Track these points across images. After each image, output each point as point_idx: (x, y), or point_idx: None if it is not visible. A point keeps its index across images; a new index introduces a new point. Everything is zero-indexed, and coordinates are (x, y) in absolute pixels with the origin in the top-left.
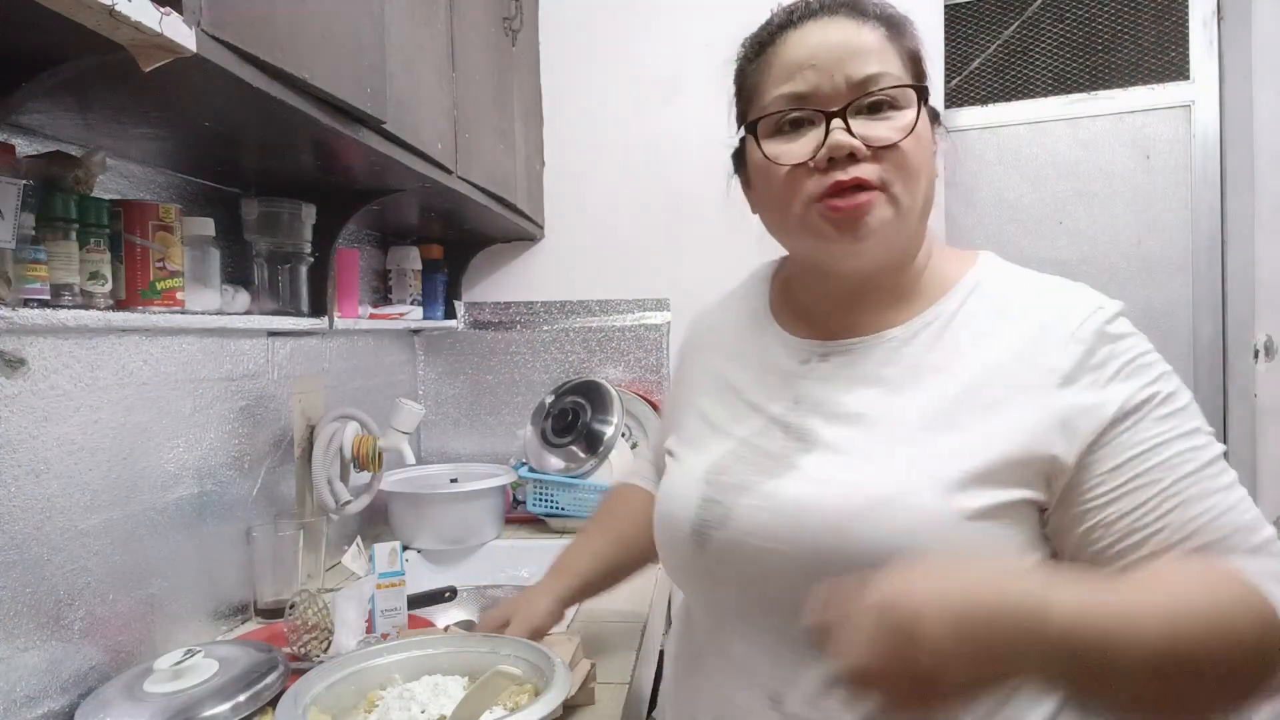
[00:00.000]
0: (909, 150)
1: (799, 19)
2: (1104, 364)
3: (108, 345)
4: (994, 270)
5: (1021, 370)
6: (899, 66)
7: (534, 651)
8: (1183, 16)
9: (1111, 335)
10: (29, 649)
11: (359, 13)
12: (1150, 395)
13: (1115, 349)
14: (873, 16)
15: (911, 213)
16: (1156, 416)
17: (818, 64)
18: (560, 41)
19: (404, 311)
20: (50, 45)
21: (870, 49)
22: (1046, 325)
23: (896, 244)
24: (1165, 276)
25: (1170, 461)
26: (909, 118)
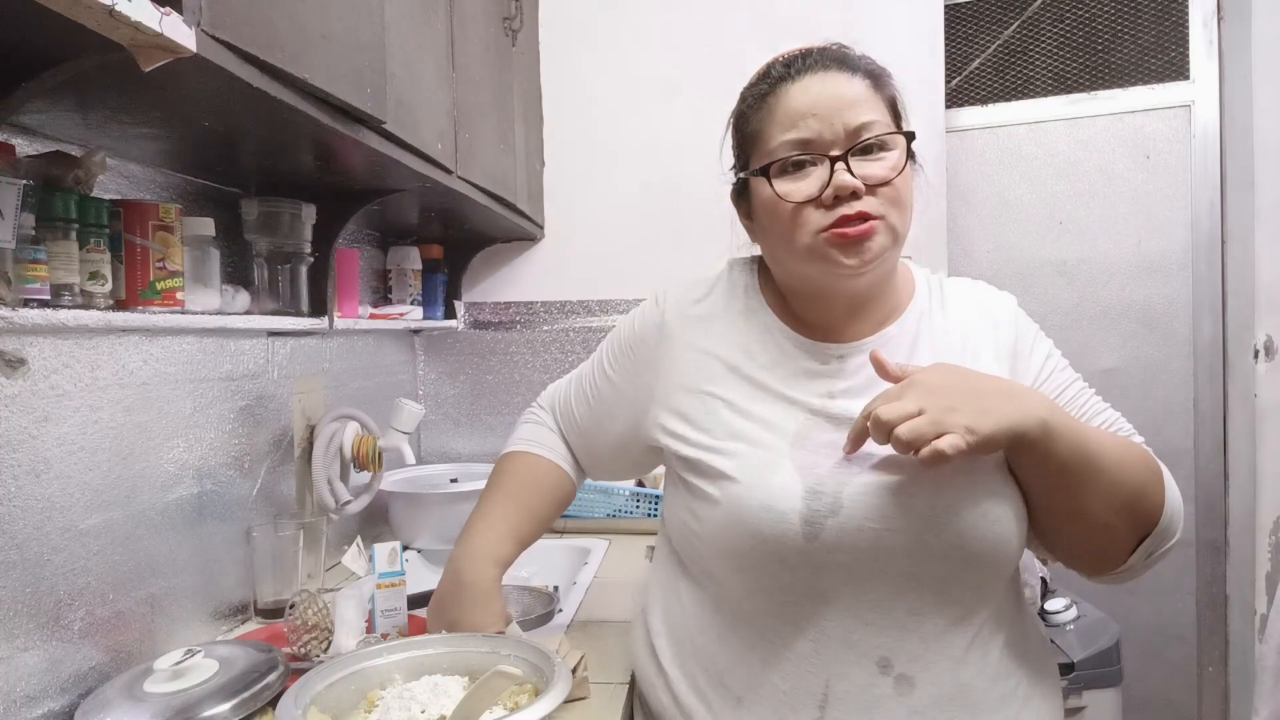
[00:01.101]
0: (899, 186)
1: (797, 72)
2: (1024, 337)
3: (108, 345)
4: (923, 274)
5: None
6: (884, 113)
7: (534, 651)
8: (1183, 16)
9: (1023, 316)
10: (29, 649)
11: (359, 13)
12: (1051, 354)
13: (1026, 326)
14: (860, 70)
15: (902, 238)
16: (1059, 368)
17: (818, 113)
18: (560, 41)
19: (404, 311)
20: (50, 45)
21: (861, 99)
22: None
23: (889, 265)
24: (1165, 276)
25: (1077, 399)
26: (897, 158)
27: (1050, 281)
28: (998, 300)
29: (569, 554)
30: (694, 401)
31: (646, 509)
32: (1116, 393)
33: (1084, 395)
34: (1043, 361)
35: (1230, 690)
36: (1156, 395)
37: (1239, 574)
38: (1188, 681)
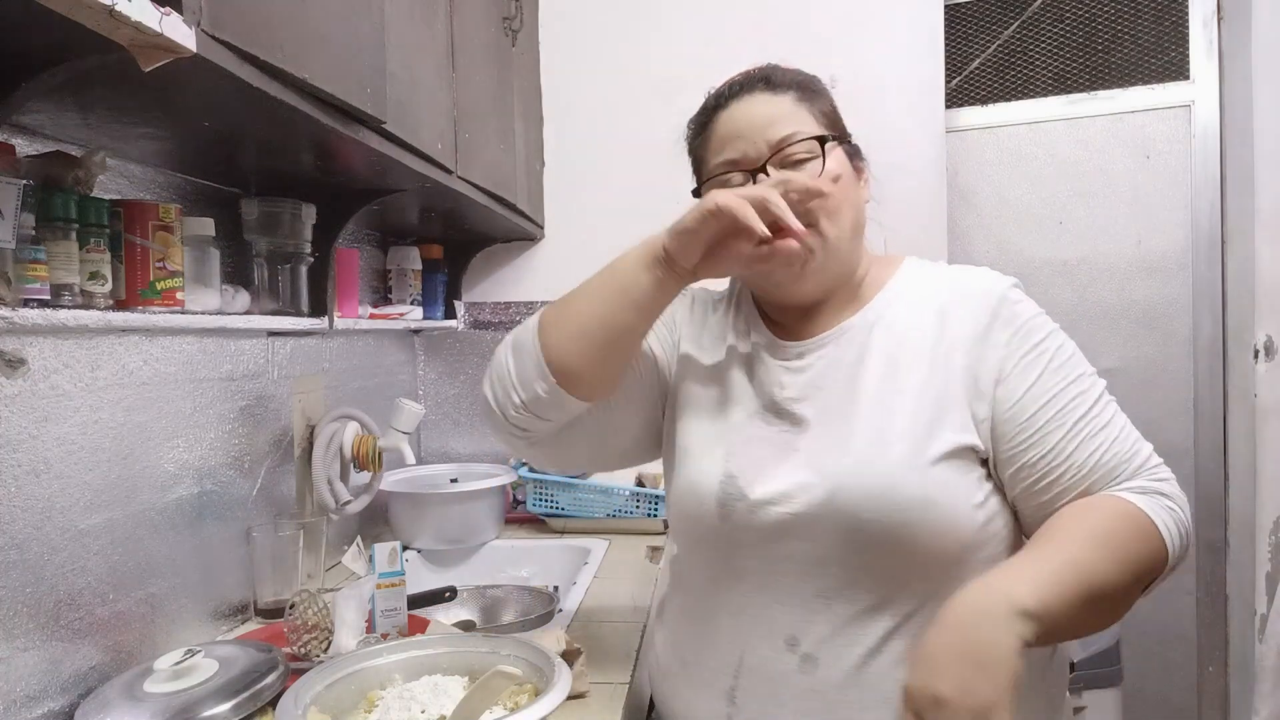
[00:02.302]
0: (829, 191)
1: (725, 100)
2: (1004, 325)
3: (108, 345)
4: (916, 267)
5: (943, 337)
6: (812, 123)
7: (534, 651)
8: (1183, 16)
9: (1009, 301)
10: (29, 649)
11: (359, 13)
12: (1043, 350)
13: (1012, 312)
14: (786, 87)
15: (839, 238)
16: (1052, 368)
17: (742, 134)
18: (560, 41)
19: (404, 311)
20: (50, 45)
21: (783, 114)
22: (956, 300)
23: (833, 266)
24: (1165, 276)
25: (1067, 408)
26: (819, 164)
27: (1050, 281)
28: (980, 282)
29: (569, 554)
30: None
31: (646, 509)
32: (1116, 393)
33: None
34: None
35: (1230, 690)
36: (1156, 395)
37: (1239, 574)
38: (1188, 681)
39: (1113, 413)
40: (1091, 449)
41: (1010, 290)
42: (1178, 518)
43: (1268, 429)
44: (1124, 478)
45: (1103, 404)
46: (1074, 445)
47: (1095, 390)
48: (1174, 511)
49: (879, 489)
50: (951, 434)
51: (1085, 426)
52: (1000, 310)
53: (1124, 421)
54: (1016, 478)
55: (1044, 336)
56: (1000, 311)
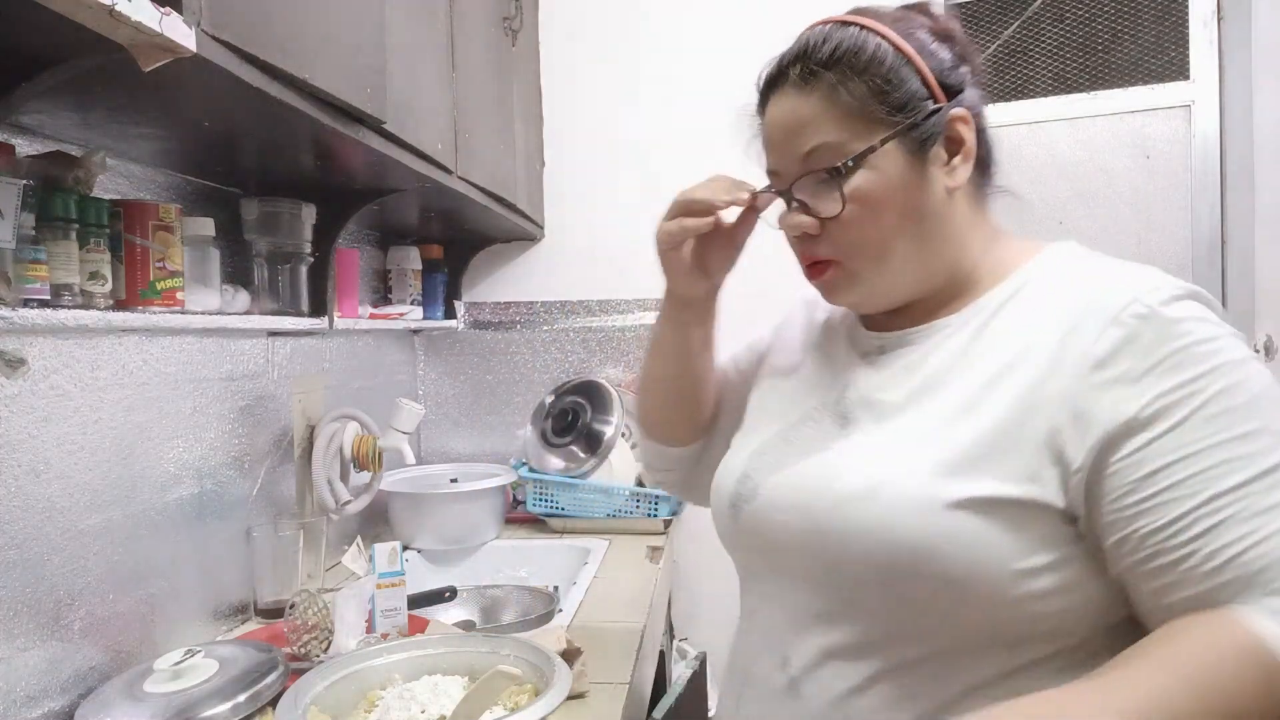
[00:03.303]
0: (852, 219)
1: (764, 98)
2: (1146, 352)
3: (108, 345)
4: (1058, 256)
5: (1053, 357)
6: (846, 122)
7: (534, 651)
8: (1183, 16)
9: (1163, 319)
10: (29, 649)
11: (359, 13)
12: (1197, 390)
13: (1162, 333)
14: (819, 68)
15: (881, 272)
16: (1205, 416)
17: (774, 144)
18: (560, 41)
19: (404, 311)
20: (50, 45)
21: (810, 120)
22: (1089, 308)
23: (889, 291)
24: None
25: (1210, 472)
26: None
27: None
28: (1122, 290)
29: (569, 554)
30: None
31: (646, 509)
32: None
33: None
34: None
35: None
36: None
37: None
38: None
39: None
40: (1233, 536)
41: (1167, 305)
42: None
43: None
44: (1274, 588)
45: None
46: (1206, 525)
47: (1273, 456)
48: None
49: (872, 524)
50: (993, 481)
51: (1234, 503)
52: (1141, 331)
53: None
54: (1118, 552)
55: (1204, 371)
56: (1140, 333)
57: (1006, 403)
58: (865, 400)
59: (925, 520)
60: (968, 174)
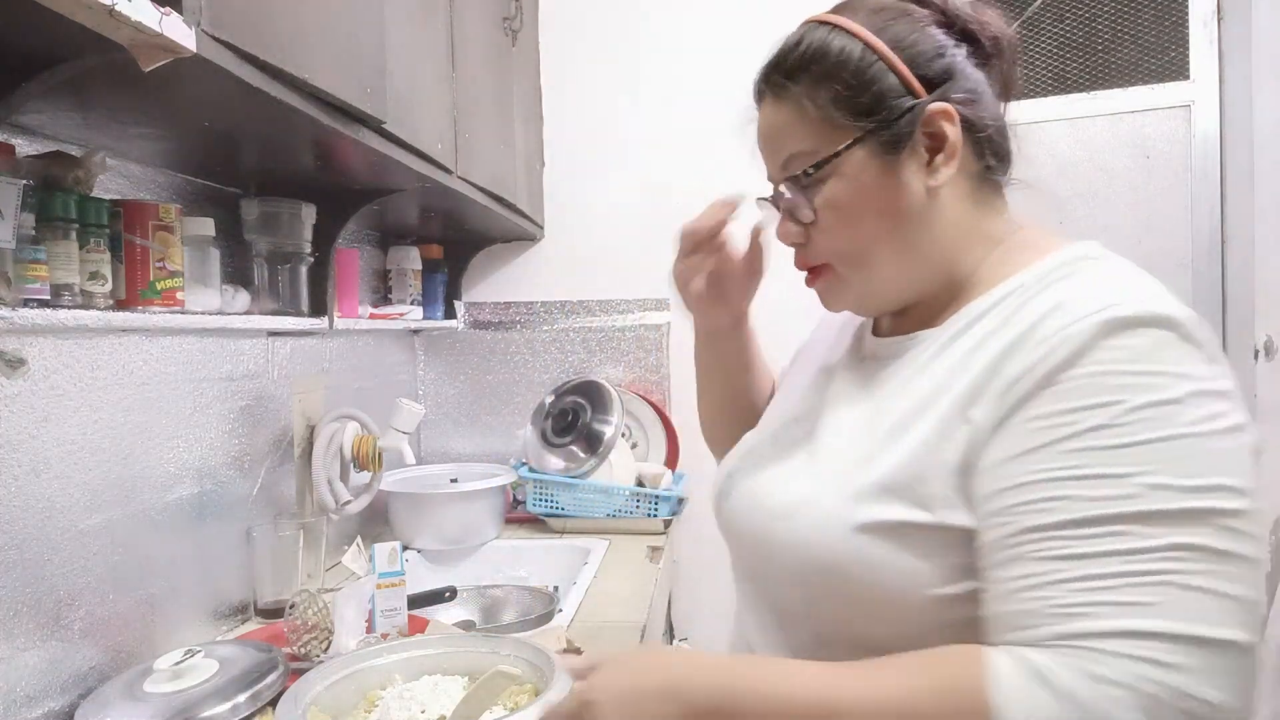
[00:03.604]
0: (827, 224)
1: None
2: (1049, 374)
3: (108, 345)
4: (1061, 261)
5: (981, 380)
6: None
7: (534, 652)
8: (1183, 16)
9: (1088, 344)
10: (29, 649)
11: (359, 12)
12: (1070, 421)
13: (1075, 357)
14: (792, 74)
15: (871, 274)
16: (1062, 450)
17: (762, 151)
18: (560, 41)
19: (404, 311)
20: (50, 45)
21: (782, 129)
22: (1035, 327)
23: (880, 293)
24: (1165, 276)
25: (1031, 506)
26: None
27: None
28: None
29: (569, 554)
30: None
31: (646, 509)
32: None
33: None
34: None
35: None
36: None
37: None
38: None
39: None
40: (1020, 573)
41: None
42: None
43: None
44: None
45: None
46: (1004, 556)
47: (1110, 506)
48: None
49: (791, 542)
50: (905, 506)
51: (1038, 543)
52: (1057, 351)
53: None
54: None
55: (1090, 405)
56: (1056, 352)
57: (931, 426)
58: (836, 410)
59: (835, 542)
60: (951, 172)
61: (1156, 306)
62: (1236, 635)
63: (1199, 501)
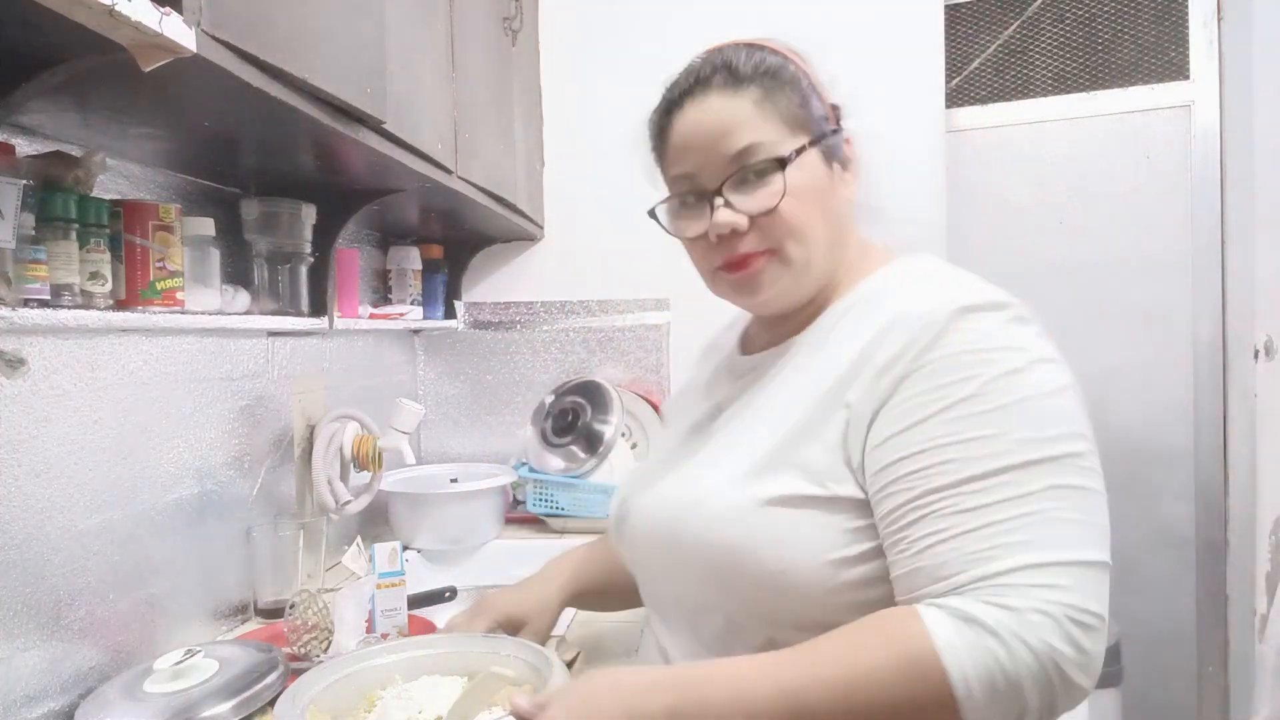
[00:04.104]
0: (786, 210)
1: (681, 99)
2: (915, 357)
3: (108, 345)
4: (899, 271)
5: (854, 366)
6: (775, 125)
7: (533, 652)
8: (1183, 16)
9: (942, 328)
10: (29, 649)
11: (359, 13)
12: (945, 395)
13: (935, 341)
14: (746, 79)
15: (807, 260)
16: (944, 419)
17: (697, 145)
18: (560, 41)
19: (404, 311)
20: (50, 45)
21: (741, 120)
22: (894, 320)
23: (800, 287)
24: (1165, 276)
25: (928, 470)
26: (781, 183)
27: (1050, 281)
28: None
29: None
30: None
31: None
32: (1116, 392)
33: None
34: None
35: (1230, 690)
36: (1156, 395)
37: (1239, 574)
38: (1188, 681)
39: (1002, 497)
40: (929, 530)
41: (956, 317)
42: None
43: (1268, 429)
44: (949, 586)
45: (991, 482)
46: (913, 517)
47: (991, 461)
48: (992, 656)
49: (699, 531)
50: (792, 479)
51: (937, 501)
52: (919, 338)
53: (1015, 514)
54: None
55: (959, 378)
56: (918, 339)
57: (812, 410)
58: (725, 419)
59: (741, 521)
60: (854, 191)
61: (993, 295)
62: (1104, 556)
63: (1060, 448)
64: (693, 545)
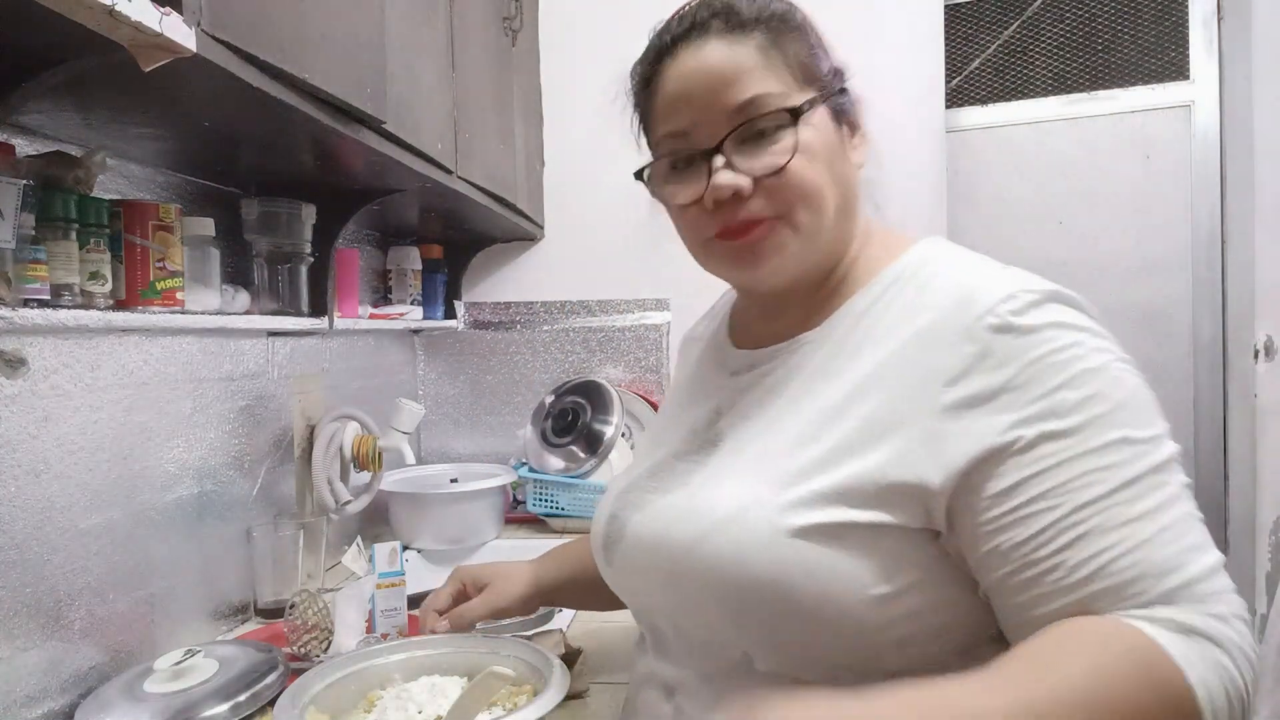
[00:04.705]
0: (797, 170)
1: (673, 44)
2: (999, 367)
3: (108, 345)
4: (926, 256)
5: (904, 375)
6: (783, 76)
7: (532, 652)
8: (1183, 16)
9: (1018, 329)
10: (29, 649)
11: (359, 13)
12: (1055, 403)
13: (1018, 346)
14: (749, 23)
15: (817, 228)
16: (1061, 429)
17: (693, 97)
18: (560, 41)
19: (404, 311)
20: (50, 45)
21: (745, 69)
22: (942, 321)
23: (806, 259)
24: (1165, 276)
25: (1071, 484)
26: (792, 137)
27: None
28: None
29: None
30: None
31: None
32: None
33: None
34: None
35: None
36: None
37: (1239, 574)
38: None
39: (1159, 501)
40: (1099, 547)
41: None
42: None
43: (1268, 429)
44: (1147, 599)
45: (1142, 487)
46: (1070, 537)
47: (1135, 465)
48: (1224, 670)
49: (723, 559)
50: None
51: (1095, 516)
52: (994, 346)
53: (1176, 517)
54: (986, 565)
55: (1061, 383)
56: (994, 348)
57: (856, 425)
58: (731, 425)
59: (772, 551)
60: (863, 157)
61: (1040, 281)
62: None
63: (1167, 447)
64: (707, 576)
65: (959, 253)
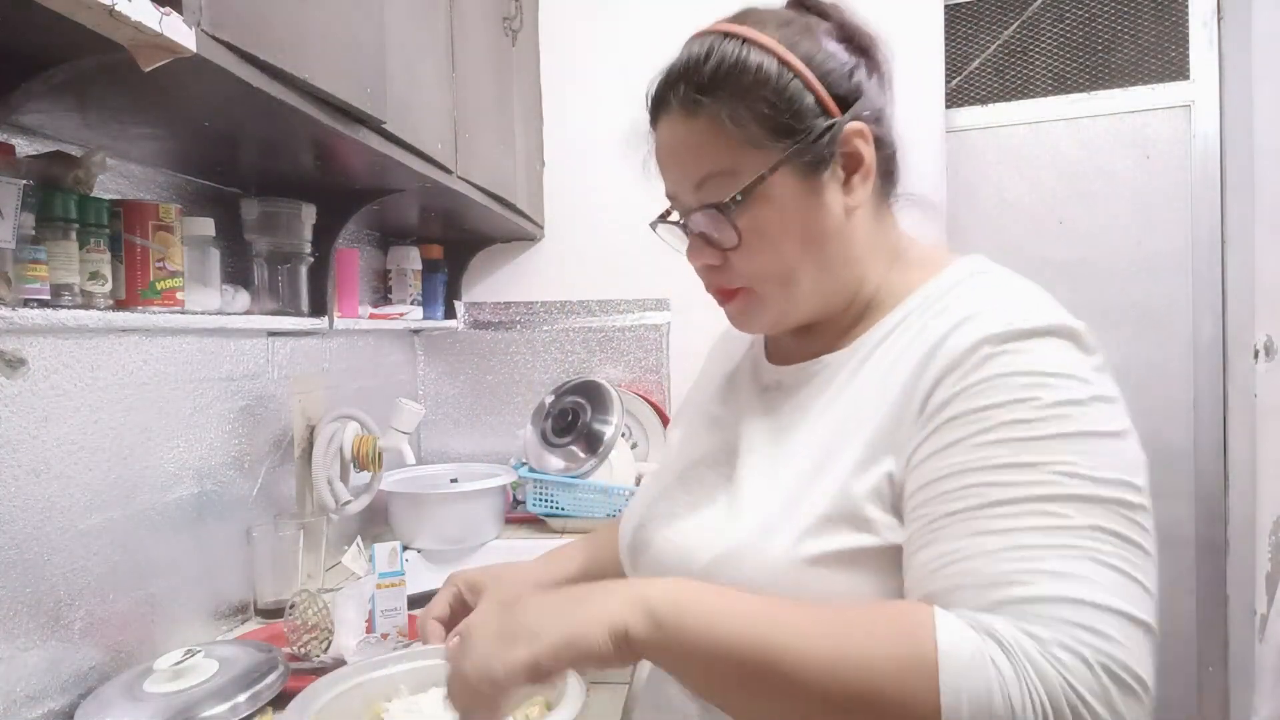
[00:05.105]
0: (748, 253)
1: (653, 117)
2: (959, 380)
3: (108, 345)
4: (960, 277)
5: (900, 401)
6: (734, 150)
7: None
8: (1183, 16)
9: (993, 351)
10: (29, 649)
11: (359, 13)
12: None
13: (983, 363)
14: (706, 88)
15: (793, 293)
16: (977, 443)
17: (666, 169)
18: (560, 41)
19: (404, 311)
20: (50, 45)
21: (696, 147)
22: (941, 346)
23: (800, 311)
24: (1165, 276)
25: (951, 494)
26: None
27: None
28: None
29: None
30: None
31: None
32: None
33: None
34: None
35: (1230, 690)
36: (1156, 395)
37: (1239, 574)
38: (1188, 681)
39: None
40: (941, 551)
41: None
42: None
43: (1268, 429)
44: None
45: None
46: (926, 539)
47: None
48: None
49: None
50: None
51: (955, 524)
52: (964, 361)
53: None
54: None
55: (1004, 401)
56: (963, 363)
57: (860, 449)
58: (752, 446)
59: (790, 577)
60: (868, 192)
61: (1057, 318)
62: (1153, 621)
63: (1110, 491)
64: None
65: (992, 276)
